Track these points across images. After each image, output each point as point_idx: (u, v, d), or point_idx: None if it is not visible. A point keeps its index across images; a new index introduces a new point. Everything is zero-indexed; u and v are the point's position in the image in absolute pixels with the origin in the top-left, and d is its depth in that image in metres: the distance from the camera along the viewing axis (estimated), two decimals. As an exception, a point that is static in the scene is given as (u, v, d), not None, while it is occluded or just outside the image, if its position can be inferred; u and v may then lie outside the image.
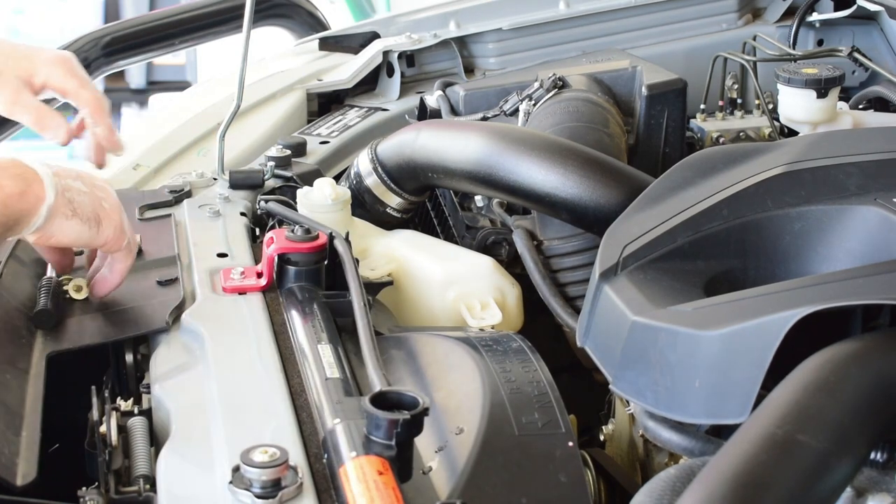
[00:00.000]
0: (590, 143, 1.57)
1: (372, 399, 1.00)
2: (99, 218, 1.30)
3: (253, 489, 0.97)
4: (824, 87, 1.79)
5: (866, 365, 0.92)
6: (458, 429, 1.08)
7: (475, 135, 1.52)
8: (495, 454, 1.04)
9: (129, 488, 1.13)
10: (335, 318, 1.31)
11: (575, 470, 1.02)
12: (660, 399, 1.06)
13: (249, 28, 1.68)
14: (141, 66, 5.44)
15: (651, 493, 0.93)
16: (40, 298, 1.39)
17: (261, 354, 1.24)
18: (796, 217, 1.22)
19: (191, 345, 1.29)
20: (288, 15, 2.50)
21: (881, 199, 1.18)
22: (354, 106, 2.07)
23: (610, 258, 1.20)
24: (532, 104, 1.76)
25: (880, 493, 0.93)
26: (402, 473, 0.99)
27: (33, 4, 5.61)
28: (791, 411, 0.86)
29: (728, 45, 2.13)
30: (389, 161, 1.62)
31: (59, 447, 1.27)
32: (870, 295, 1.02)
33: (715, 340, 1.02)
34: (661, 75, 1.83)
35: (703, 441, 1.05)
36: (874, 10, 2.18)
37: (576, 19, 2.22)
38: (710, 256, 1.22)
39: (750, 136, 1.90)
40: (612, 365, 1.13)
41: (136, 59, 2.33)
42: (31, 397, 1.26)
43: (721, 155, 1.33)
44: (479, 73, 2.21)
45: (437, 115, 1.89)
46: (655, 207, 1.27)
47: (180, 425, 1.15)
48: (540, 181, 1.44)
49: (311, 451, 1.06)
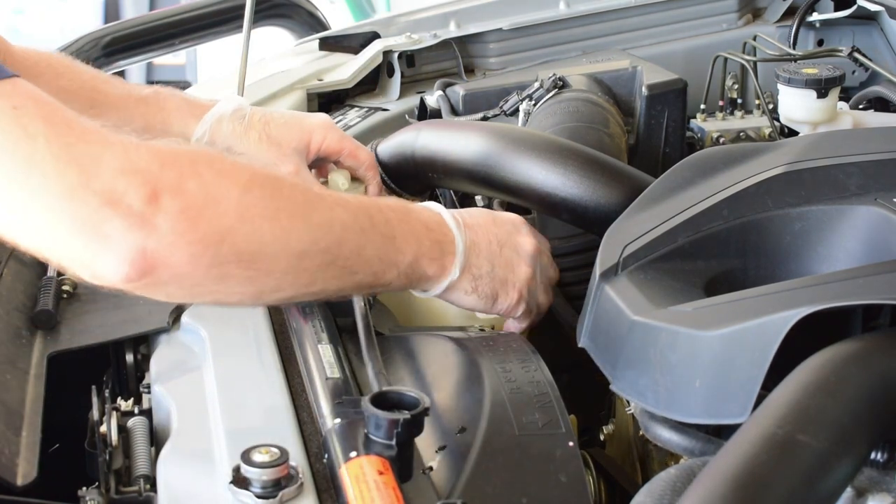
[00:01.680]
0: (590, 143, 1.57)
1: (372, 399, 1.00)
2: (497, 295, 1.31)
3: (253, 489, 0.97)
4: (824, 87, 1.79)
5: (867, 365, 0.92)
6: (459, 429, 1.09)
7: (475, 135, 1.52)
8: (495, 454, 1.04)
9: (129, 488, 1.13)
10: (335, 317, 1.32)
11: (575, 470, 1.02)
12: (660, 399, 1.06)
13: (249, 28, 1.68)
14: (141, 66, 5.43)
15: (651, 493, 0.93)
16: (41, 298, 1.39)
17: (261, 354, 1.24)
18: (796, 217, 1.22)
19: (191, 345, 1.29)
20: (288, 15, 2.50)
21: (881, 199, 1.18)
22: (354, 106, 2.07)
23: (610, 258, 1.20)
24: (532, 104, 1.76)
25: (880, 493, 0.93)
26: (402, 473, 0.99)
27: (33, 4, 5.61)
28: (791, 411, 0.86)
29: (728, 45, 2.12)
30: (389, 161, 1.62)
31: (60, 447, 1.28)
32: (870, 295, 1.02)
33: (715, 340, 1.02)
34: (661, 75, 1.83)
35: (703, 441, 1.05)
36: (874, 10, 2.18)
37: (576, 19, 2.22)
38: (710, 256, 1.22)
39: (750, 136, 1.90)
40: (613, 365, 1.13)
41: (136, 59, 2.33)
42: (31, 397, 1.26)
43: (721, 155, 1.33)
44: (479, 73, 2.21)
45: (437, 115, 1.89)
46: (655, 207, 1.27)
47: (180, 425, 1.15)
48: (540, 181, 1.44)
49: (312, 451, 1.07)
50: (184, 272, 1.02)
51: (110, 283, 1.01)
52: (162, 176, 1.00)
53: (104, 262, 0.99)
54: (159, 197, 0.99)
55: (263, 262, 1.07)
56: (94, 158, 0.98)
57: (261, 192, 1.08)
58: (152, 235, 0.99)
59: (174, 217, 1.00)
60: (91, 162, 0.98)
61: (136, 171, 0.99)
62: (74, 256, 1.00)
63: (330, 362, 1.20)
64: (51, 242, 1.00)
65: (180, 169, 1.02)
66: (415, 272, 1.23)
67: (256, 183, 1.08)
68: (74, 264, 1.01)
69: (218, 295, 1.09)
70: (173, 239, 1.00)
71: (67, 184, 0.97)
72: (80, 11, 5.55)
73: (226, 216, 1.03)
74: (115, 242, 0.98)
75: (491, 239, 1.31)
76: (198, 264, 1.03)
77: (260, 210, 1.06)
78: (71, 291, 1.44)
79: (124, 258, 0.99)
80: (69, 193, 0.97)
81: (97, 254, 0.99)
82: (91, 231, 0.98)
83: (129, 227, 0.98)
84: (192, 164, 1.03)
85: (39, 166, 0.96)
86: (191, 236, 1.01)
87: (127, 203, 0.98)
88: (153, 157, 1.01)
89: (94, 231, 0.98)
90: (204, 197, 1.02)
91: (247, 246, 1.05)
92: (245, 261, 1.05)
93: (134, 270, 1.00)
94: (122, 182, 0.98)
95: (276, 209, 1.08)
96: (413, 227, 1.23)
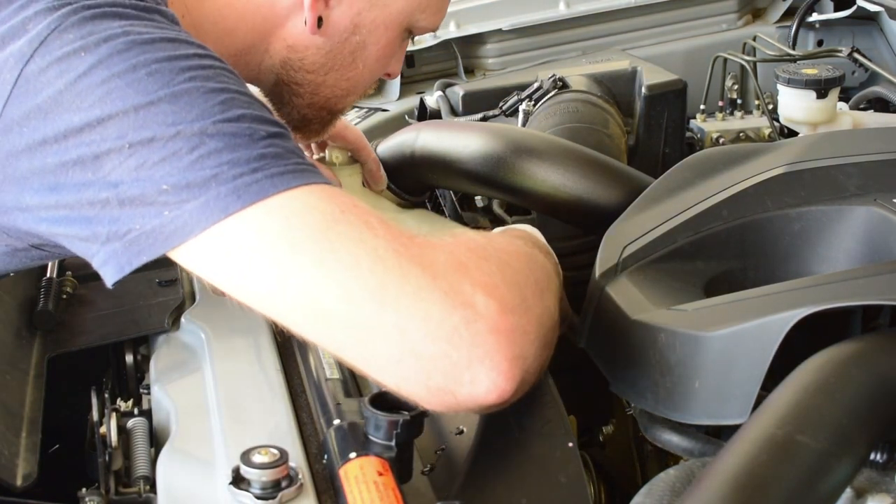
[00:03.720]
0: (590, 143, 1.57)
1: (372, 400, 1.00)
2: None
3: (253, 490, 0.97)
4: (824, 87, 1.79)
5: (866, 366, 0.92)
6: (458, 429, 1.09)
7: (475, 135, 1.52)
8: (495, 455, 1.04)
9: (129, 489, 1.13)
10: (335, 318, 1.31)
11: (575, 470, 1.02)
12: (660, 400, 1.06)
13: (249, 28, 1.67)
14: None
15: (651, 494, 0.93)
16: (41, 299, 1.39)
17: (261, 355, 1.24)
18: (796, 217, 1.22)
19: (191, 345, 1.29)
20: (288, 15, 2.49)
21: (881, 199, 1.18)
22: (354, 106, 2.07)
23: (610, 259, 1.20)
24: (532, 105, 1.76)
25: (880, 493, 0.93)
26: (402, 474, 0.99)
27: (33, 5, 5.61)
28: (791, 412, 0.86)
29: (728, 45, 2.13)
30: (389, 161, 1.62)
31: (59, 448, 1.28)
32: (870, 295, 1.02)
33: (715, 341, 1.02)
34: (661, 76, 1.83)
35: (703, 442, 1.05)
36: (874, 10, 2.18)
37: (576, 19, 2.22)
38: (710, 257, 1.22)
39: (750, 136, 1.90)
40: (612, 365, 1.13)
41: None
42: (31, 398, 1.26)
43: (721, 155, 1.33)
44: (479, 73, 2.21)
45: (437, 115, 1.89)
46: (655, 208, 1.27)
47: (180, 426, 1.15)
48: (540, 181, 1.44)
49: (311, 451, 1.06)
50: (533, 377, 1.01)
51: (483, 402, 0.96)
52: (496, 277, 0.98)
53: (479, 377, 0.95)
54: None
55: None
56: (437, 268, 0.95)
57: (546, 278, 1.08)
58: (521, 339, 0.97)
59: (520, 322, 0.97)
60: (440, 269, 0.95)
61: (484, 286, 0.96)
62: (447, 373, 0.95)
63: (330, 363, 1.20)
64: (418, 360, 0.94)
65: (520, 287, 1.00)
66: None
67: (544, 272, 1.08)
68: (445, 382, 0.95)
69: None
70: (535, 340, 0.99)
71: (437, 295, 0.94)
72: (80, 12, 5.55)
73: (543, 302, 1.04)
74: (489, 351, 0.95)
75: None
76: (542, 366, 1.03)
77: (549, 294, 1.06)
78: (71, 292, 1.44)
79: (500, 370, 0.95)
80: (439, 308, 0.93)
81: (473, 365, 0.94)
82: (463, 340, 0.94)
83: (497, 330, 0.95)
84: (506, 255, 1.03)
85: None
86: (541, 333, 1.00)
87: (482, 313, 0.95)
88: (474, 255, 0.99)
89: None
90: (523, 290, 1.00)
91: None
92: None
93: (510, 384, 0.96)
94: (480, 296, 0.95)
95: (550, 301, 1.07)
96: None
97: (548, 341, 1.04)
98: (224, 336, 1.28)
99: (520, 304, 0.98)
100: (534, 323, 0.99)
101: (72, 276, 1.46)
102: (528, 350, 0.98)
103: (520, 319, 0.97)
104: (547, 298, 1.05)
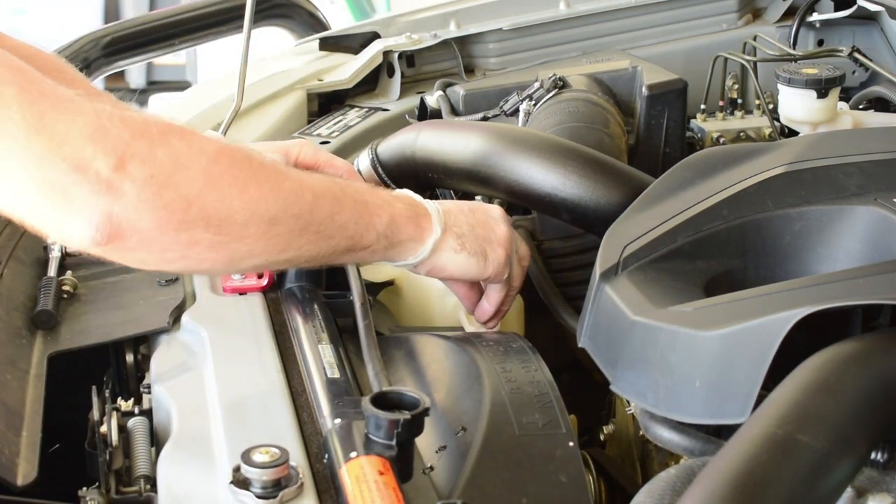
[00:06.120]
0: (590, 143, 1.57)
1: (373, 399, 1.00)
2: (486, 252, 1.32)
3: (253, 489, 0.97)
4: (824, 87, 1.79)
5: (866, 365, 0.92)
6: (459, 429, 1.09)
7: (475, 135, 1.52)
8: (496, 454, 1.04)
9: (129, 488, 1.13)
10: (336, 318, 1.32)
11: (575, 470, 1.02)
12: (660, 399, 1.06)
13: (249, 28, 1.68)
14: (141, 66, 5.45)
15: (651, 493, 0.93)
16: (41, 298, 1.39)
17: (261, 355, 1.24)
18: (796, 217, 1.22)
19: (191, 345, 1.29)
20: (288, 15, 2.49)
21: (881, 199, 1.19)
22: (355, 106, 2.07)
23: (610, 258, 1.20)
24: (532, 104, 1.76)
25: (880, 493, 0.93)
26: (402, 473, 0.99)
27: (34, 4, 5.61)
28: (791, 411, 0.86)
29: (728, 45, 2.12)
30: (389, 161, 1.62)
31: (60, 447, 1.27)
32: (870, 295, 1.02)
33: (715, 340, 1.02)
34: (662, 75, 1.83)
35: (703, 441, 1.05)
36: (874, 10, 2.17)
37: (576, 19, 2.22)
38: (710, 256, 1.22)
39: (750, 136, 1.90)
40: (613, 365, 1.13)
41: (137, 59, 2.33)
42: (31, 397, 1.26)
43: (721, 155, 1.33)
44: (479, 73, 2.21)
45: (437, 115, 1.89)
46: (655, 207, 1.27)
47: (181, 425, 1.15)
48: (540, 181, 1.44)
49: (312, 451, 1.07)
50: (151, 237, 1.05)
51: (79, 246, 1.05)
52: (131, 144, 1.03)
53: (72, 226, 1.03)
54: (127, 164, 1.02)
55: (233, 227, 1.09)
56: (65, 125, 1.01)
57: (229, 161, 1.10)
58: (119, 201, 1.02)
59: (141, 183, 1.03)
60: (62, 129, 1.00)
61: (106, 139, 1.02)
62: (45, 221, 1.04)
63: (330, 363, 1.20)
64: (24, 207, 1.03)
65: (150, 138, 1.05)
66: (394, 234, 1.24)
67: (225, 154, 1.11)
68: (46, 228, 1.05)
69: (189, 261, 1.11)
70: (140, 205, 1.03)
71: (37, 150, 0.99)
72: (80, 11, 5.55)
73: (193, 183, 1.06)
74: (82, 207, 1.01)
75: (461, 206, 1.34)
76: (165, 229, 1.05)
77: (228, 178, 1.09)
78: (71, 291, 1.44)
79: (91, 222, 1.02)
80: (39, 159, 1.00)
81: (65, 218, 1.02)
82: (59, 196, 1.01)
83: (96, 192, 1.01)
84: (162, 134, 1.06)
85: (11, 133, 0.99)
86: (157, 202, 1.04)
87: (95, 169, 1.01)
88: (124, 126, 1.04)
89: (62, 196, 1.01)
90: (172, 165, 1.05)
91: (215, 212, 1.08)
92: (214, 226, 1.08)
93: (101, 234, 1.03)
94: (90, 149, 1.01)
95: (245, 177, 1.10)
96: (382, 196, 1.26)
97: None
98: (225, 335, 1.28)
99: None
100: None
101: (72, 276, 1.46)
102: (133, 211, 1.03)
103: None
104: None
